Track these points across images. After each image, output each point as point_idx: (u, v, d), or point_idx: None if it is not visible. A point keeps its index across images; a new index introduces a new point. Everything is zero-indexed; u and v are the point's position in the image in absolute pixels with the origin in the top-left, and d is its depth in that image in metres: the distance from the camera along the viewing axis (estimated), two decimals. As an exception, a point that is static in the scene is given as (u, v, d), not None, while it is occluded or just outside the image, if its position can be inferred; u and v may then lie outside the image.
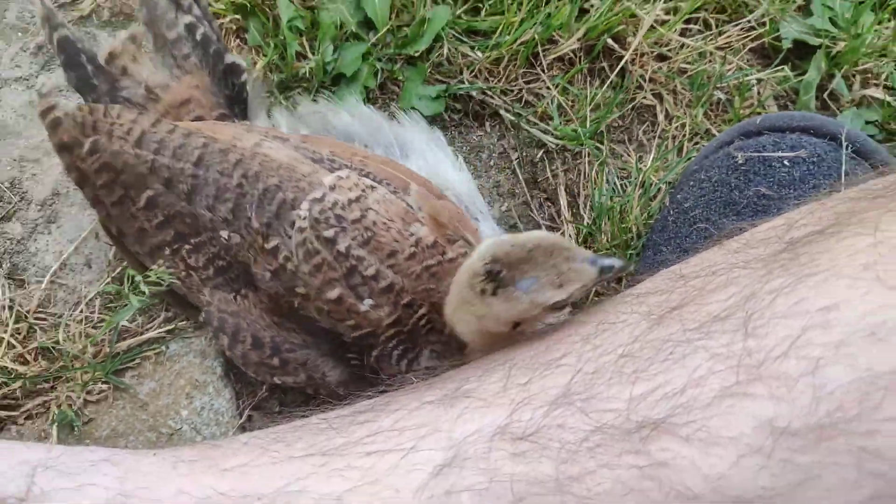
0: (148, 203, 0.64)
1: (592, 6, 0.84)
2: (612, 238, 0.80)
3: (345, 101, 0.78)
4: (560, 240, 0.55)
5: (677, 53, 0.85)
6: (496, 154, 0.85)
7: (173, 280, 0.66)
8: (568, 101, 0.84)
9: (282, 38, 0.82)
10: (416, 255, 0.61)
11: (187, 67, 0.73)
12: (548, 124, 0.84)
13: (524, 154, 0.85)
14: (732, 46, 0.86)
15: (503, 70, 0.84)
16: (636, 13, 0.83)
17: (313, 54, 0.82)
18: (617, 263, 0.54)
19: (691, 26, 0.87)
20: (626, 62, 0.84)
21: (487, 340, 0.58)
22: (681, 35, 0.86)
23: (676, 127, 0.84)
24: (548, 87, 0.84)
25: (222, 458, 0.51)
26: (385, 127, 0.75)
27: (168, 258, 0.66)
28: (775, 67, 0.86)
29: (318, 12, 0.83)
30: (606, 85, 0.85)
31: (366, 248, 0.60)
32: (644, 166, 0.83)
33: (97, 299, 0.77)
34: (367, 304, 0.60)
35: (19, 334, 0.77)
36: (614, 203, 0.80)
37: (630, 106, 0.85)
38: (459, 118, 0.85)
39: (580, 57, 0.85)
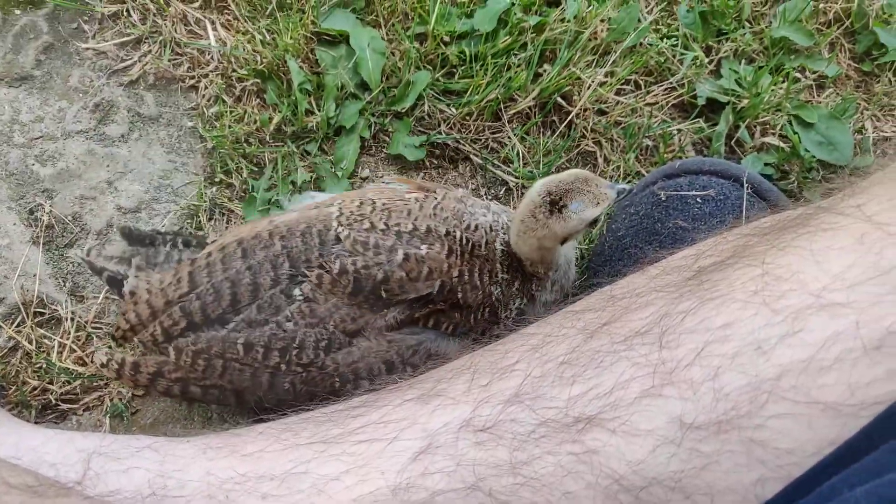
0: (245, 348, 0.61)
1: (545, 71, 0.84)
2: (561, 259, 0.80)
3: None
4: (590, 173, 0.63)
5: (614, 109, 0.85)
6: (468, 190, 0.85)
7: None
8: (525, 148, 0.85)
9: (293, 98, 0.82)
10: (423, 205, 0.64)
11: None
12: (509, 166, 0.84)
13: (491, 190, 0.85)
14: (658, 103, 0.87)
15: (473, 123, 0.84)
16: (581, 77, 0.83)
17: (319, 110, 0.82)
18: (626, 187, 0.63)
19: (625, 87, 0.87)
20: (573, 116, 0.84)
21: (543, 255, 0.64)
22: (616, 94, 0.86)
23: (613, 168, 0.85)
24: (509, 137, 0.84)
25: (242, 445, 0.51)
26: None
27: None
28: (692, 120, 0.87)
29: (323, 76, 0.83)
30: (556, 134, 0.85)
31: (392, 217, 0.62)
32: (586, 201, 0.83)
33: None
34: (425, 249, 0.61)
35: (79, 341, 0.77)
36: (563, 231, 0.81)
37: (576, 151, 0.86)
38: (438, 162, 0.85)
39: (535, 112, 0.85)
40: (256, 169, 0.82)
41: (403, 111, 0.83)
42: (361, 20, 0.85)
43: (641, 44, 0.87)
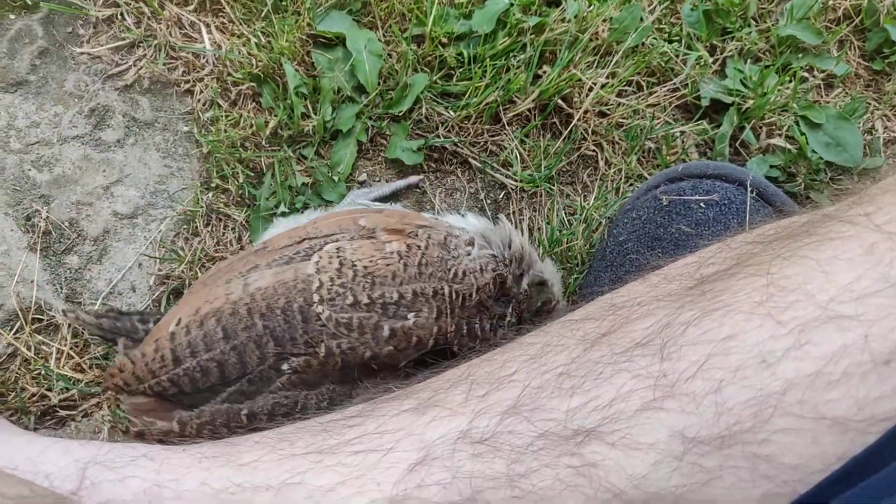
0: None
1: (545, 73, 0.83)
2: (561, 263, 0.79)
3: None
4: None
5: (615, 110, 0.84)
6: (467, 195, 0.84)
7: None
8: (525, 151, 0.84)
9: (289, 102, 0.81)
10: (408, 263, 0.60)
11: None
12: (509, 170, 0.83)
13: (490, 194, 0.84)
14: (660, 104, 0.86)
15: (472, 126, 0.83)
16: (581, 78, 0.82)
17: (315, 114, 0.81)
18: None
19: (626, 88, 0.86)
20: (574, 118, 0.83)
21: None
22: (618, 95, 0.85)
23: (614, 172, 0.84)
24: (509, 140, 0.84)
25: (238, 455, 0.51)
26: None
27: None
28: (696, 122, 0.85)
29: (320, 80, 0.82)
30: (557, 137, 0.84)
31: (376, 287, 0.59)
32: (587, 205, 0.82)
33: (139, 319, 0.76)
34: (412, 318, 0.59)
35: (77, 347, 0.77)
36: (563, 235, 0.80)
37: (576, 154, 0.84)
38: (437, 166, 0.84)
39: (535, 114, 0.84)
40: (252, 174, 0.81)
41: (401, 114, 0.82)
42: (358, 22, 0.85)
43: (644, 44, 0.85)
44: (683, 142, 0.85)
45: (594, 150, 0.84)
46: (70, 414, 0.75)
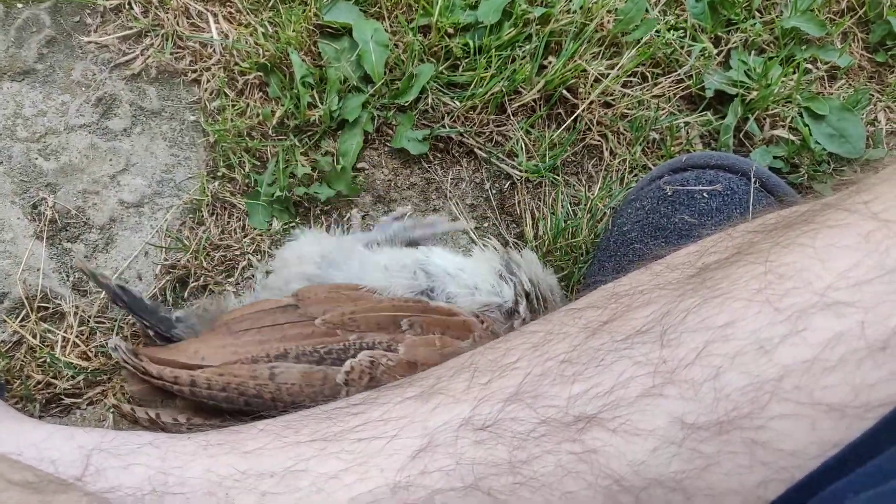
0: None
1: (550, 63, 0.83)
2: (566, 254, 0.80)
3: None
4: None
5: (620, 101, 0.84)
6: (472, 185, 0.85)
7: None
8: (530, 141, 0.84)
9: (296, 91, 0.82)
10: None
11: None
12: (514, 160, 0.84)
13: (495, 184, 0.85)
14: (665, 95, 0.86)
15: (477, 116, 0.83)
16: (586, 69, 0.83)
17: (322, 104, 0.82)
18: None
19: (632, 79, 0.87)
20: (579, 109, 0.83)
21: None
22: (623, 86, 0.85)
23: (619, 162, 0.84)
24: (514, 130, 0.84)
25: (242, 443, 0.51)
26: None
27: None
28: (700, 112, 0.86)
29: (326, 69, 0.82)
30: (562, 128, 0.84)
31: None
32: (592, 195, 0.83)
33: (145, 307, 0.77)
34: None
35: (83, 335, 0.77)
36: (568, 225, 0.80)
37: (581, 145, 0.85)
38: (442, 156, 0.85)
39: (540, 105, 0.85)
40: (259, 163, 0.82)
41: (407, 104, 0.83)
42: (364, 12, 0.85)
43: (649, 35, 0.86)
44: (687, 132, 0.85)
45: (599, 141, 0.84)
46: (75, 402, 0.76)
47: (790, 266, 0.41)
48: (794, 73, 0.86)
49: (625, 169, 0.84)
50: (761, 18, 0.89)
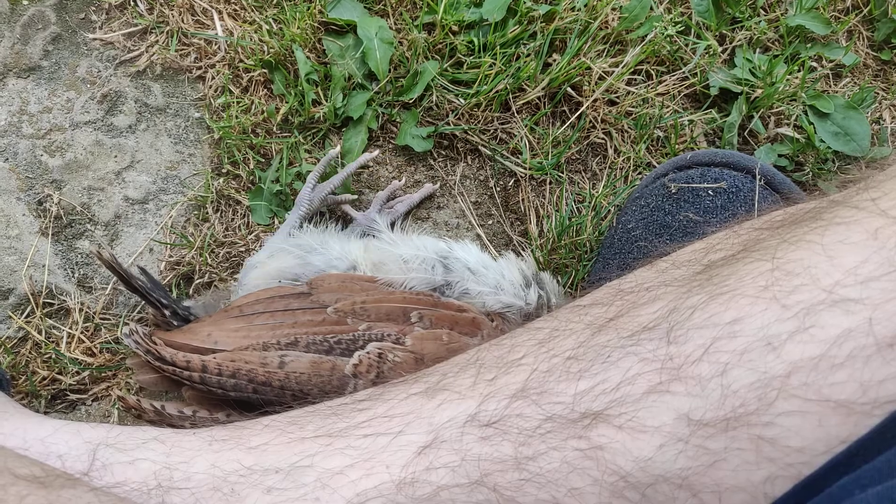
0: None
1: (554, 61, 0.83)
2: (570, 251, 0.79)
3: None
4: None
5: (624, 99, 0.84)
6: (476, 182, 0.85)
7: None
8: (534, 139, 0.84)
9: (300, 89, 0.81)
10: None
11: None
12: (518, 158, 0.84)
13: (499, 182, 0.85)
14: (669, 93, 0.86)
15: (481, 114, 0.83)
16: (590, 66, 0.82)
17: (326, 101, 0.82)
18: None
19: (636, 77, 0.86)
20: (583, 107, 0.83)
21: None
22: (627, 84, 0.85)
23: (623, 160, 0.84)
24: (518, 128, 0.84)
25: (248, 438, 0.51)
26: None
27: None
28: (704, 110, 0.85)
29: (331, 67, 0.82)
30: (566, 125, 0.84)
31: None
32: (596, 192, 0.82)
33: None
34: None
35: (88, 332, 0.77)
36: (572, 223, 0.80)
37: (585, 142, 0.85)
38: (446, 153, 0.85)
39: (544, 102, 0.84)
40: (263, 160, 0.82)
41: (411, 101, 0.83)
42: (369, 10, 0.85)
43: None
44: (692, 130, 0.85)
45: (603, 139, 0.84)
46: (80, 398, 0.76)
47: (798, 263, 0.41)
48: (799, 71, 0.86)
49: (629, 167, 0.84)
50: (766, 16, 0.89)
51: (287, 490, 0.47)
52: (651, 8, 0.85)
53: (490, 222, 0.84)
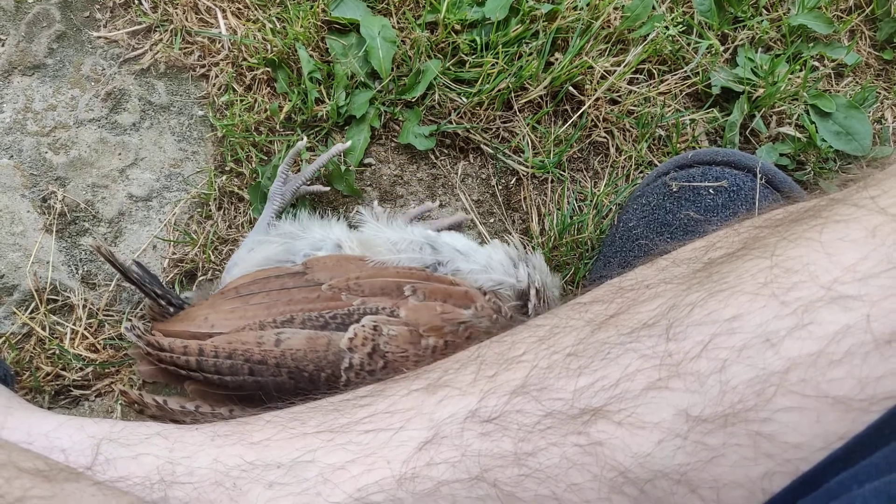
0: None
1: (556, 60, 0.83)
2: (572, 249, 0.80)
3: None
4: None
5: (626, 98, 0.84)
6: (479, 180, 0.85)
7: None
8: (536, 138, 0.84)
9: (303, 87, 0.82)
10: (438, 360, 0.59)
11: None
12: (520, 156, 0.84)
13: (501, 180, 0.85)
14: (671, 92, 0.86)
15: (484, 112, 0.83)
16: (592, 65, 0.83)
17: (329, 100, 0.82)
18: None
19: (638, 76, 0.87)
20: (585, 105, 0.83)
21: None
22: (629, 83, 0.85)
23: (625, 158, 0.84)
24: (520, 126, 0.84)
25: (250, 433, 0.51)
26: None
27: None
28: (706, 109, 0.86)
29: (333, 65, 0.83)
30: (568, 124, 0.85)
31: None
32: (598, 191, 0.83)
33: (154, 300, 0.77)
34: None
35: (91, 328, 0.78)
36: (573, 221, 0.80)
37: (587, 141, 0.85)
38: (449, 151, 0.85)
39: (546, 101, 0.85)
40: (266, 158, 0.82)
41: (414, 100, 0.83)
42: (372, 8, 0.85)
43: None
44: (693, 129, 0.85)
45: (605, 137, 0.84)
46: (84, 393, 0.76)
47: (797, 260, 0.41)
48: (801, 71, 0.86)
49: (630, 165, 0.84)
50: (768, 16, 0.89)
51: (289, 485, 0.47)
52: (653, 7, 0.85)
53: (492, 220, 0.84)
